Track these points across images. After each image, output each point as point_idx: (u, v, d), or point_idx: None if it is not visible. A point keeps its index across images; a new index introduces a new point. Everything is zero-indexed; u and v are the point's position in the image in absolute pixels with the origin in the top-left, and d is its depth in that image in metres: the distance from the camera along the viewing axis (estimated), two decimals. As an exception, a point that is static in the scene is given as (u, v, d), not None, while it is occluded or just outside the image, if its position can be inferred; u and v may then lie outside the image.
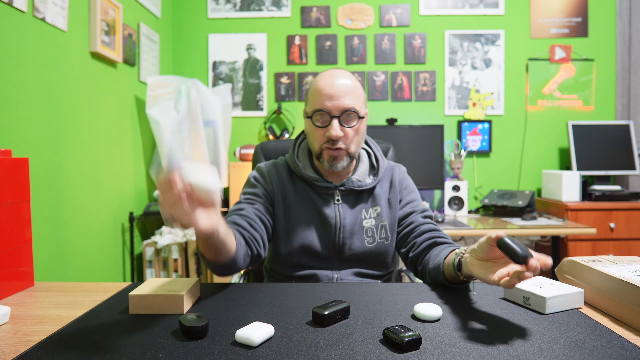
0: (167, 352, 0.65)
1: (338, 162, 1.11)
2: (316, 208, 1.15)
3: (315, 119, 1.09)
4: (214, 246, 0.88)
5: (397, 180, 1.21)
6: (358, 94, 1.10)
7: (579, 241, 2.45)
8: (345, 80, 1.09)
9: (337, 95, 1.07)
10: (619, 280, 0.78)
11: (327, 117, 1.08)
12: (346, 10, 2.95)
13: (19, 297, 0.94)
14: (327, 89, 1.08)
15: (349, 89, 1.08)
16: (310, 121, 1.10)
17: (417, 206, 1.20)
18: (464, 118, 2.96)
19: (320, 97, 1.08)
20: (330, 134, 1.07)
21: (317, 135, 1.11)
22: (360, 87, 1.12)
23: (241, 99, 2.99)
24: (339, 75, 1.10)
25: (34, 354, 0.65)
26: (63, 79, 1.76)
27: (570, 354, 0.63)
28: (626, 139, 2.76)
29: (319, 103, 1.08)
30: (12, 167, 0.96)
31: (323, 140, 1.10)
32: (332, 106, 1.07)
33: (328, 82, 1.09)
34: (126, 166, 2.32)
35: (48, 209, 1.65)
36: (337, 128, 1.07)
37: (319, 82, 1.10)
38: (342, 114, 1.07)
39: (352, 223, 1.14)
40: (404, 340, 0.65)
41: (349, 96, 1.08)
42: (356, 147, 1.12)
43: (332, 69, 1.13)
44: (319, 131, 1.10)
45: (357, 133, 1.11)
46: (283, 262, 1.15)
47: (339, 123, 1.07)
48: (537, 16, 2.94)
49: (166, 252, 2.37)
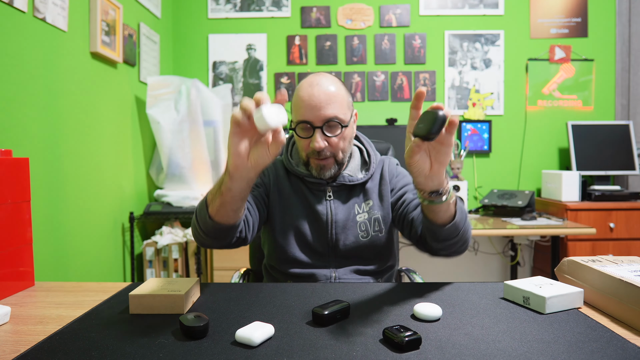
0: (167, 352, 0.65)
1: (326, 170, 1.11)
2: (309, 204, 1.16)
3: (298, 130, 1.09)
4: (231, 198, 0.88)
5: (387, 171, 1.21)
6: (340, 100, 1.08)
7: (578, 241, 2.45)
8: (325, 88, 1.07)
9: (318, 106, 1.05)
10: (618, 280, 0.78)
11: (310, 129, 1.07)
12: (346, 11, 2.95)
13: (19, 297, 0.94)
14: (307, 99, 1.06)
15: (329, 97, 1.06)
16: (294, 132, 1.11)
17: (410, 189, 1.17)
18: (463, 118, 2.96)
19: (301, 109, 1.07)
20: (314, 146, 1.06)
21: (302, 145, 1.11)
22: (343, 92, 1.10)
23: (241, 99, 2.99)
24: (320, 83, 1.08)
25: (34, 354, 0.65)
26: (63, 79, 1.76)
27: (570, 354, 0.63)
28: (626, 139, 2.76)
29: (301, 114, 1.07)
30: (12, 167, 0.96)
31: (308, 150, 1.10)
32: (314, 117, 1.06)
33: (308, 92, 1.07)
34: (126, 166, 2.32)
35: (48, 209, 1.65)
36: (320, 140, 1.06)
37: (300, 92, 1.08)
38: (324, 124, 1.06)
39: (344, 218, 1.14)
40: (404, 340, 0.65)
41: (330, 105, 1.06)
42: (344, 153, 1.12)
43: (313, 76, 1.11)
44: (304, 141, 1.10)
45: (343, 140, 1.10)
46: (280, 256, 1.16)
47: (322, 133, 1.06)
48: (537, 16, 2.94)
49: (166, 252, 2.37)
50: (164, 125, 2.34)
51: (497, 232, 2.27)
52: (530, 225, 2.29)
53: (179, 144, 2.39)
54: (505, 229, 2.25)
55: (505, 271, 3.01)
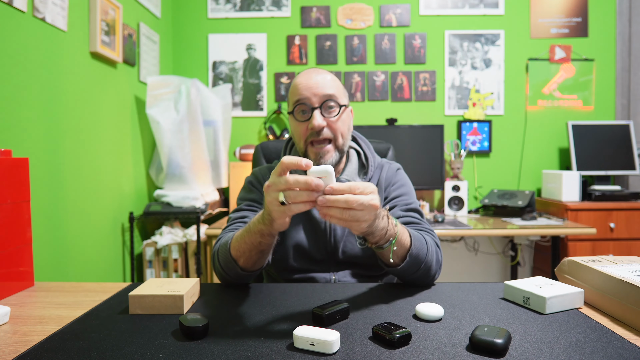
0: (167, 352, 0.65)
1: (326, 156, 1.08)
2: (306, 213, 1.12)
3: (296, 112, 1.08)
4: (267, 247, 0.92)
5: (384, 178, 1.18)
6: (337, 86, 1.10)
7: (578, 241, 2.45)
8: (323, 75, 1.09)
9: (315, 86, 1.06)
10: (618, 280, 0.78)
11: (308, 110, 1.06)
12: (346, 10, 2.95)
13: (19, 297, 0.94)
14: (305, 82, 1.07)
15: (327, 81, 1.08)
16: (293, 117, 1.09)
17: (402, 200, 1.15)
18: (464, 118, 2.96)
19: (298, 90, 1.07)
20: (313, 125, 1.04)
21: (300, 131, 1.08)
22: (339, 82, 1.13)
23: (241, 99, 2.99)
24: (317, 71, 1.11)
25: (34, 354, 0.65)
26: (63, 79, 1.76)
27: (570, 354, 0.63)
28: (626, 139, 2.76)
29: (298, 94, 1.07)
30: (12, 167, 0.96)
31: (307, 134, 1.07)
32: (311, 95, 1.06)
33: (306, 76, 1.09)
34: (126, 166, 2.32)
35: (48, 209, 1.65)
36: (319, 117, 1.05)
37: (297, 79, 1.10)
38: (322, 103, 1.06)
39: (342, 227, 1.12)
40: (395, 336, 0.66)
41: (327, 86, 1.07)
42: (344, 139, 1.10)
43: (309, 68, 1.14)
44: (302, 125, 1.08)
45: (341, 123, 1.09)
46: (278, 265, 1.13)
47: (320, 114, 1.06)
48: (537, 16, 2.94)
49: (166, 252, 2.37)
50: (163, 125, 2.34)
51: (497, 232, 2.27)
52: (531, 225, 2.29)
53: (179, 144, 2.39)
54: (506, 229, 2.25)
55: (506, 271, 3.00)
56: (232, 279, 0.99)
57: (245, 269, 0.96)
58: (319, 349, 0.64)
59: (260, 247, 0.91)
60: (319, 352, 0.64)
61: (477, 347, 0.65)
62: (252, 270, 0.97)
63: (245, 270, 0.96)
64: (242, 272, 0.96)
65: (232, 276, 0.98)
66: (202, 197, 2.47)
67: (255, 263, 0.95)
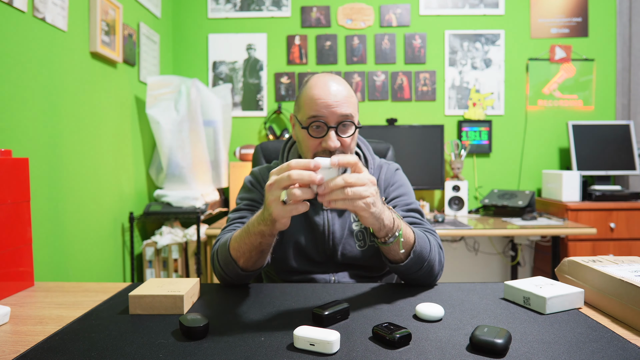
0: (167, 352, 0.65)
1: None
2: (306, 215, 1.12)
3: (311, 129, 1.04)
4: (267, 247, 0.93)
5: (382, 179, 1.18)
6: (353, 102, 1.06)
7: (579, 241, 2.45)
8: (340, 87, 1.05)
9: (334, 103, 1.02)
10: (619, 280, 0.78)
11: (323, 127, 1.03)
12: (346, 10, 2.95)
13: (19, 297, 0.94)
14: (324, 97, 1.03)
15: (345, 97, 1.04)
16: (306, 131, 1.05)
17: (402, 201, 1.15)
18: (464, 118, 2.96)
19: (317, 105, 1.03)
20: (329, 145, 1.02)
21: (310, 145, 1.05)
22: (354, 94, 1.09)
23: (241, 99, 2.99)
24: (334, 81, 1.06)
25: (34, 354, 0.65)
26: (63, 79, 1.76)
27: (571, 354, 0.63)
28: (626, 139, 2.76)
29: (315, 110, 1.03)
30: (12, 167, 0.96)
31: (318, 150, 1.05)
32: (329, 114, 1.02)
33: (324, 89, 1.03)
34: (126, 166, 2.32)
35: (48, 209, 1.65)
36: (335, 139, 1.02)
37: (314, 90, 1.04)
38: (339, 124, 1.03)
39: (341, 228, 1.12)
40: (395, 337, 0.66)
41: (346, 104, 1.03)
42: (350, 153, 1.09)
43: (324, 75, 1.09)
44: (314, 140, 1.05)
45: (352, 141, 1.08)
46: (278, 266, 1.14)
47: (335, 133, 1.03)
48: (537, 16, 2.94)
49: (166, 252, 2.37)
50: (163, 125, 2.34)
51: (498, 232, 2.27)
52: (531, 225, 2.29)
53: (179, 144, 2.39)
54: (506, 229, 2.25)
55: (506, 271, 3.00)
56: (232, 279, 0.99)
57: (245, 269, 0.96)
58: (319, 349, 0.64)
59: (260, 247, 0.92)
60: (319, 352, 0.64)
61: (477, 347, 0.65)
62: (252, 270, 0.97)
63: (245, 270, 0.96)
64: (242, 273, 0.96)
65: (231, 276, 0.98)
66: (202, 197, 2.47)
67: (255, 263, 0.95)
